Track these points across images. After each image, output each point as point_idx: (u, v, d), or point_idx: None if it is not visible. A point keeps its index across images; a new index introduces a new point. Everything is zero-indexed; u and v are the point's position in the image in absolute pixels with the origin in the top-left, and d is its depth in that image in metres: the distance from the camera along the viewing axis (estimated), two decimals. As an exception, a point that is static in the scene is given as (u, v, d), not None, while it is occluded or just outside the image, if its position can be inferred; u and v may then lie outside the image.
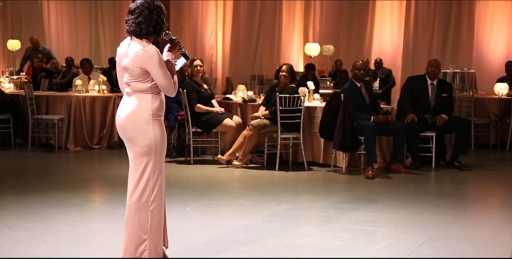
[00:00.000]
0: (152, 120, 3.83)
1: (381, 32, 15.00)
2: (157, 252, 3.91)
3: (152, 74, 3.77)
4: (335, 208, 5.79)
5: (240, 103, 8.77)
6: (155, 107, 3.83)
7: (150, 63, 3.75)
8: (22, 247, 4.46)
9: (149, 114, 3.82)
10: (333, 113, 7.53)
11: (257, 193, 6.45)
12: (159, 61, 3.75)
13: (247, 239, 4.73)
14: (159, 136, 3.84)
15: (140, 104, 3.82)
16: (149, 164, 3.83)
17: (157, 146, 3.84)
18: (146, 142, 3.82)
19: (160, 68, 3.76)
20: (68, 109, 9.33)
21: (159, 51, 3.79)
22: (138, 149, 3.83)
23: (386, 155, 7.90)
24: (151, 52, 3.75)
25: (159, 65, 3.76)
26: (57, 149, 9.10)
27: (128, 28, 3.82)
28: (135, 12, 3.81)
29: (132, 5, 3.86)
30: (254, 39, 16.31)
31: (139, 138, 3.84)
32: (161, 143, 3.86)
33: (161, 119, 3.88)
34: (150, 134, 3.82)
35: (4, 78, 11.07)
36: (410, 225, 5.18)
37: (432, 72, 7.94)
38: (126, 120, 3.85)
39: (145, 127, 3.82)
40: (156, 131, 3.83)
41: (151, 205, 3.84)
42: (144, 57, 3.74)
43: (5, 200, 6.08)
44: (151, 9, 3.81)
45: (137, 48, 3.76)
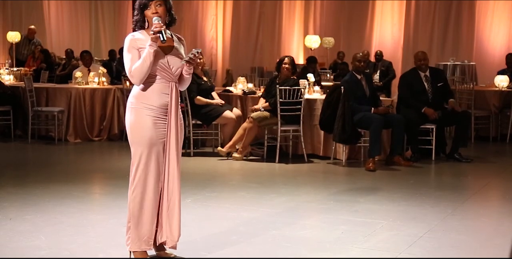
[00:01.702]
0: (133, 109, 3.84)
1: (382, 24, 14.97)
2: (142, 243, 3.85)
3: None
4: (335, 200, 5.79)
5: (240, 95, 8.76)
6: (139, 96, 3.83)
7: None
8: (22, 239, 4.45)
9: (131, 102, 3.87)
10: (333, 106, 7.51)
11: (257, 185, 6.44)
12: (125, 48, 3.84)
13: (247, 231, 4.72)
14: (137, 126, 3.81)
15: (131, 93, 3.93)
16: (132, 152, 3.86)
17: (135, 136, 3.82)
18: (128, 129, 3.89)
19: (124, 54, 3.85)
20: (68, 101, 9.32)
21: (132, 40, 3.81)
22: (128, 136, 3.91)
23: (386, 147, 7.89)
24: (125, 41, 3.86)
25: (124, 52, 3.85)
26: (57, 141, 9.09)
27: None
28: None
29: None
30: (254, 31, 16.28)
31: (126, 126, 3.92)
32: (140, 134, 3.79)
33: (144, 109, 3.79)
34: (129, 123, 3.86)
35: (4, 70, 11.04)
36: (410, 217, 5.18)
37: (422, 65, 7.92)
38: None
39: (128, 115, 3.88)
40: (134, 120, 3.82)
41: (132, 193, 3.84)
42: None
43: (5, 192, 6.07)
44: (134, 5, 3.94)
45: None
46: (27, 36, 14.18)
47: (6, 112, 9.34)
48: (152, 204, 3.88)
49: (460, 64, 13.11)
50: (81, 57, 10.63)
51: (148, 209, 3.87)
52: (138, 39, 3.81)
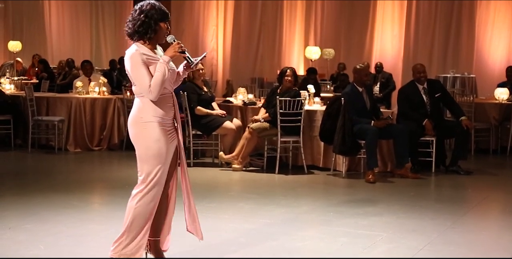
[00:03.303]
0: (145, 124, 3.81)
1: (382, 36, 15.03)
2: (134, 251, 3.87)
3: (131, 76, 3.81)
4: (335, 211, 5.79)
5: (241, 106, 8.78)
6: (149, 110, 3.80)
7: (127, 66, 3.80)
8: (21, 248, 4.45)
9: (141, 118, 3.82)
10: (334, 117, 7.53)
11: (257, 196, 6.45)
12: (133, 63, 3.76)
13: (246, 242, 4.73)
14: (152, 140, 3.79)
15: (137, 107, 3.86)
16: (145, 166, 3.83)
17: (150, 150, 3.80)
18: (139, 145, 3.85)
19: (134, 70, 3.76)
20: (68, 110, 9.34)
21: (141, 54, 3.75)
22: (137, 151, 3.88)
23: (386, 159, 7.91)
24: (131, 56, 3.77)
25: (134, 68, 3.76)
26: (57, 150, 9.10)
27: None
28: (131, 12, 3.88)
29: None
30: (255, 42, 16.34)
31: (135, 142, 3.88)
32: (155, 147, 3.79)
33: (157, 122, 3.80)
34: (142, 138, 3.82)
35: (5, 79, 11.07)
36: (409, 229, 5.18)
37: (421, 78, 7.94)
38: (128, 123, 3.93)
39: (139, 131, 3.83)
40: (149, 134, 3.80)
41: (137, 203, 3.84)
42: (126, 60, 3.82)
43: (5, 201, 6.07)
44: (141, 10, 3.81)
45: (126, 52, 3.83)
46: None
47: (7, 122, 9.36)
48: (153, 213, 3.91)
49: (460, 76, 13.16)
50: (81, 67, 10.68)
51: (150, 218, 3.90)
52: (143, 53, 3.77)
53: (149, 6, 3.82)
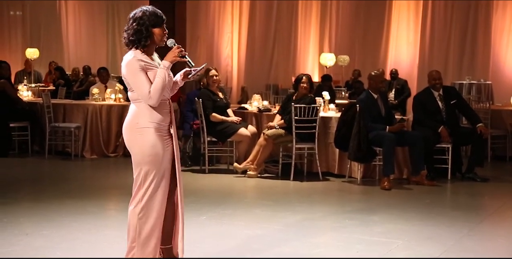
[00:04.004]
0: (141, 129, 3.80)
1: (397, 43, 14.97)
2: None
3: (129, 83, 3.80)
4: (350, 218, 5.76)
5: (256, 113, 8.78)
6: (145, 116, 3.80)
7: (126, 73, 3.79)
8: (38, 254, 4.47)
9: (137, 124, 3.82)
10: (349, 124, 7.52)
11: (272, 203, 6.44)
12: (131, 70, 3.75)
13: (260, 249, 4.72)
14: (148, 145, 3.79)
15: (133, 113, 3.87)
16: (141, 172, 3.82)
17: (147, 156, 3.79)
18: (135, 151, 3.84)
19: (133, 77, 3.76)
20: (84, 117, 9.40)
21: (139, 61, 3.74)
22: (133, 157, 3.87)
23: (402, 166, 7.87)
24: (128, 63, 3.77)
25: (132, 74, 3.75)
26: (74, 156, 9.15)
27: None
28: (127, 22, 3.88)
29: None
30: (269, 49, 16.35)
31: (130, 147, 3.88)
32: (151, 152, 3.79)
33: (153, 128, 3.80)
34: (138, 143, 3.82)
35: (22, 86, 11.17)
36: (425, 237, 5.14)
37: (437, 84, 7.92)
38: (123, 129, 3.92)
39: (134, 136, 3.83)
40: (144, 140, 3.79)
41: (140, 213, 3.83)
42: (123, 67, 3.80)
43: (22, 207, 6.12)
44: (134, 18, 3.82)
45: (123, 59, 3.82)
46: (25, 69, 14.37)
47: (24, 128, 9.43)
48: (160, 222, 3.90)
49: (476, 83, 13.06)
50: (98, 74, 10.75)
51: (158, 227, 3.89)
52: (141, 59, 3.76)
53: (140, 13, 3.81)
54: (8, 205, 6.04)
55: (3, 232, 5.04)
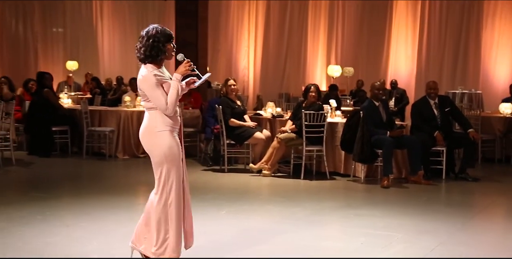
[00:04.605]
0: (159, 133, 3.81)
1: (397, 56, 14.91)
2: (178, 251, 3.87)
3: (147, 95, 3.80)
4: (355, 214, 5.74)
5: (270, 118, 8.77)
6: (160, 121, 3.81)
7: (143, 87, 3.79)
8: (77, 244, 4.50)
9: (155, 128, 3.82)
10: (353, 129, 7.49)
11: (284, 199, 6.42)
12: (150, 85, 3.75)
13: (274, 241, 4.71)
14: (166, 146, 3.80)
15: (148, 119, 3.86)
16: (163, 172, 3.83)
17: (167, 156, 3.80)
18: (156, 153, 3.84)
19: (151, 91, 3.76)
20: (118, 122, 9.43)
21: (154, 75, 3.75)
22: (153, 159, 3.88)
23: (401, 166, 7.83)
24: (145, 78, 3.77)
25: (150, 88, 3.75)
26: (108, 157, 9.19)
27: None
28: (139, 39, 3.88)
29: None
30: (282, 61, 16.34)
31: (151, 150, 3.88)
32: (170, 152, 3.80)
33: (169, 131, 3.81)
34: (158, 145, 3.82)
35: (63, 95, 11.26)
36: (423, 231, 5.11)
37: (432, 93, 7.88)
38: (140, 134, 3.92)
39: (153, 140, 3.83)
40: (163, 142, 3.80)
41: (169, 208, 3.83)
42: (140, 81, 3.81)
43: (62, 202, 6.16)
44: (148, 36, 3.81)
45: (140, 73, 3.82)
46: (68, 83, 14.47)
47: (65, 132, 9.48)
48: (181, 214, 3.90)
49: (468, 92, 12.97)
50: (129, 83, 10.80)
51: (181, 219, 3.90)
52: (156, 74, 3.77)
53: (154, 30, 3.82)
54: (51, 200, 6.08)
55: (46, 223, 5.08)
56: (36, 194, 6.44)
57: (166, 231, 3.86)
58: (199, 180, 7.45)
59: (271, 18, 16.31)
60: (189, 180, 4.05)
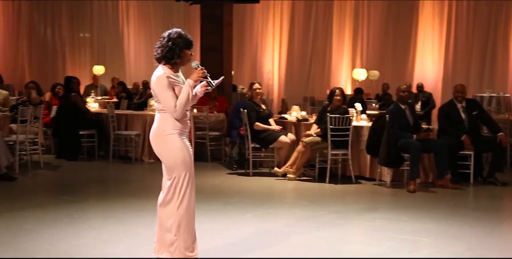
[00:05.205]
0: (167, 136, 3.84)
1: (423, 60, 14.77)
2: (187, 252, 3.90)
3: (158, 96, 3.84)
4: (380, 218, 5.69)
5: (295, 122, 8.76)
6: (169, 124, 3.83)
7: (155, 87, 3.83)
8: (104, 247, 4.54)
9: (163, 131, 3.85)
10: (379, 132, 7.44)
11: (309, 203, 6.40)
12: (160, 86, 3.79)
13: (299, 245, 4.69)
14: (176, 150, 3.83)
15: (158, 122, 3.90)
16: (175, 175, 3.88)
17: (177, 159, 3.84)
18: (166, 156, 3.88)
19: (162, 92, 3.80)
20: (143, 126, 9.49)
21: (167, 77, 3.78)
22: (164, 162, 3.92)
23: (428, 170, 7.74)
24: (158, 79, 3.82)
25: (161, 89, 3.79)
26: (134, 160, 9.26)
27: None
28: (159, 38, 3.92)
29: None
30: (307, 65, 16.32)
31: (160, 153, 3.92)
32: (180, 155, 3.83)
33: (177, 134, 3.84)
34: (167, 149, 3.86)
35: (90, 99, 11.39)
36: (450, 235, 5.04)
37: (459, 97, 7.79)
38: (151, 137, 3.96)
39: (163, 144, 3.87)
40: (172, 145, 3.83)
41: (178, 209, 3.87)
42: (153, 81, 3.85)
43: (90, 205, 6.23)
44: (169, 37, 3.86)
45: (154, 74, 3.86)
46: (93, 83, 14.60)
47: (92, 135, 9.59)
48: (194, 214, 3.95)
49: (496, 95, 12.79)
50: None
51: (193, 219, 3.94)
52: (170, 77, 3.81)
53: (176, 34, 3.87)
54: (78, 203, 6.15)
55: (74, 226, 5.14)
56: (64, 197, 6.52)
57: (175, 234, 3.89)
58: (224, 183, 7.47)
59: (296, 22, 16.30)
60: (213, 183, 4.08)
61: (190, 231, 3.92)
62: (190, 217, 3.91)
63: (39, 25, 17.66)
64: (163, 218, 3.94)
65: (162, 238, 3.95)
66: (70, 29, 17.47)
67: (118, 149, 9.57)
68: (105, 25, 17.34)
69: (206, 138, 9.15)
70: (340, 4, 15.83)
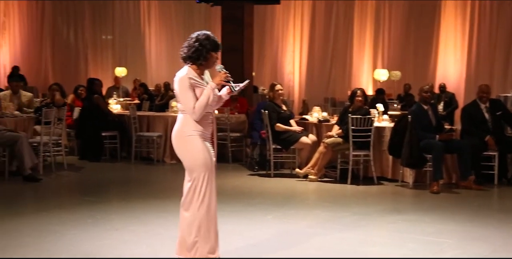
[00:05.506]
0: (188, 138, 3.85)
1: (445, 60, 14.60)
2: (208, 254, 3.91)
3: (178, 96, 3.85)
4: (403, 219, 5.64)
5: (316, 123, 8.73)
6: (190, 125, 3.85)
7: (177, 87, 3.85)
8: (126, 248, 4.57)
9: (184, 132, 3.86)
10: (401, 133, 7.39)
11: (331, 204, 6.38)
12: (181, 86, 3.81)
13: (322, 246, 4.68)
14: (196, 151, 3.84)
15: (180, 123, 3.91)
16: (194, 176, 3.89)
17: (196, 160, 3.85)
18: (186, 158, 3.89)
19: (182, 92, 3.81)
20: (165, 127, 9.54)
21: (189, 78, 3.80)
22: (184, 163, 3.93)
23: (451, 171, 7.66)
24: (180, 79, 3.83)
25: (182, 90, 3.81)
26: (156, 161, 9.31)
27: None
28: (188, 38, 3.94)
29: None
30: (327, 65, 16.25)
31: (181, 155, 3.93)
32: (200, 157, 3.84)
33: (198, 136, 3.85)
34: (187, 150, 3.87)
35: (112, 100, 11.49)
36: (474, 237, 4.98)
37: (484, 97, 7.70)
38: (172, 137, 3.97)
39: (183, 145, 3.88)
40: (192, 147, 3.84)
41: (198, 210, 3.88)
42: (175, 81, 3.87)
43: (112, 206, 6.28)
44: (197, 38, 3.88)
45: (177, 74, 3.88)
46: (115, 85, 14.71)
47: (114, 137, 9.67)
48: (215, 216, 3.96)
49: (520, 95, 12.59)
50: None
51: (214, 220, 3.94)
52: (192, 78, 3.82)
53: (204, 36, 3.88)
54: (101, 204, 6.21)
55: (97, 227, 5.18)
56: (87, 198, 6.59)
57: (196, 235, 3.90)
58: (245, 184, 7.48)
59: (316, 22, 16.25)
60: (234, 184, 4.09)
61: (210, 233, 3.93)
62: (211, 219, 3.93)
63: (62, 28, 17.87)
64: (184, 219, 3.97)
65: (184, 239, 3.97)
66: (93, 31, 17.66)
67: (140, 150, 9.63)
68: (126, 27, 17.49)
69: (227, 139, 9.18)
70: (361, 4, 15.74)
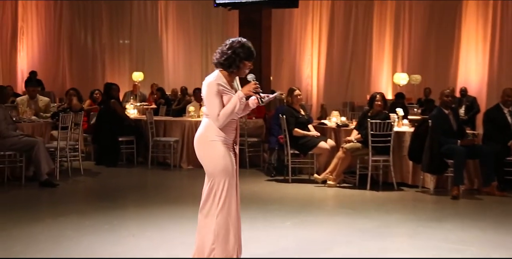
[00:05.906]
0: (211, 142, 3.83)
1: (467, 63, 14.45)
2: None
3: (205, 101, 3.84)
4: (424, 226, 5.57)
5: (334, 128, 8.69)
6: (214, 130, 3.84)
7: (204, 92, 3.83)
8: (143, 254, 4.56)
9: (207, 137, 3.85)
10: (421, 138, 7.31)
11: (350, 211, 6.32)
12: (209, 91, 3.79)
13: (342, 253, 4.63)
14: (218, 156, 3.82)
15: (204, 127, 3.91)
16: (215, 182, 3.86)
17: (217, 165, 3.82)
18: (207, 162, 3.87)
19: (209, 97, 3.80)
20: (182, 132, 9.56)
21: (218, 85, 3.78)
22: (205, 168, 3.91)
23: (473, 177, 7.56)
24: (209, 84, 3.82)
25: (209, 95, 3.80)
26: (173, 167, 9.33)
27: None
28: (223, 44, 3.92)
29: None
30: (346, 69, 16.19)
31: (202, 159, 3.91)
32: (222, 163, 3.82)
33: (221, 141, 3.84)
34: (209, 155, 3.86)
35: (129, 105, 11.55)
36: (498, 244, 4.90)
37: (509, 101, 7.60)
38: (195, 141, 3.97)
39: (205, 149, 3.87)
40: (214, 152, 3.83)
41: (217, 217, 3.85)
42: (204, 85, 3.85)
43: (129, 211, 6.29)
44: (231, 45, 3.86)
45: (206, 78, 3.86)
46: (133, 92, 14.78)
47: (131, 142, 9.71)
48: (236, 224, 3.92)
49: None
50: (194, 94, 10.96)
51: (233, 229, 3.90)
52: (220, 84, 3.81)
53: (238, 44, 3.86)
54: (117, 209, 6.22)
55: (113, 233, 5.19)
56: (103, 203, 6.60)
57: (213, 242, 3.89)
58: (263, 190, 7.45)
59: (335, 26, 16.21)
60: (252, 190, 4.06)
61: (229, 241, 3.90)
62: (230, 227, 3.89)
63: (80, 33, 18.05)
64: (202, 225, 3.95)
65: (201, 245, 3.95)
66: (110, 36, 17.80)
67: (156, 156, 9.65)
68: (144, 31, 17.59)
69: (245, 144, 9.16)
70: (380, 6, 15.66)
